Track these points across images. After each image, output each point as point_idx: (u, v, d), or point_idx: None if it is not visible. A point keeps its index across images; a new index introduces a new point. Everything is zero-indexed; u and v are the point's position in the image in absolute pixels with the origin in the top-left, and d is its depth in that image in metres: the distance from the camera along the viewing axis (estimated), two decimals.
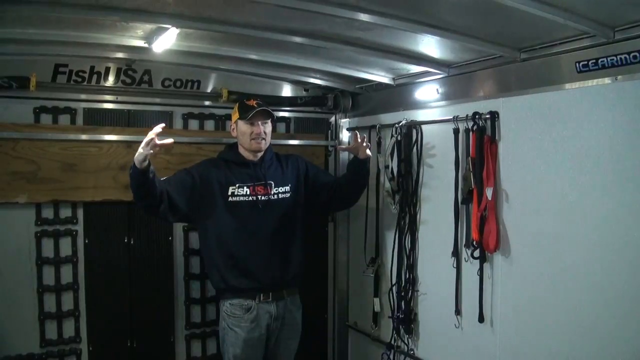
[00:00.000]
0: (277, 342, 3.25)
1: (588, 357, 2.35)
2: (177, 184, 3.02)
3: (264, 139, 3.17)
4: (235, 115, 3.20)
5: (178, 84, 3.62)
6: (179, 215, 3.10)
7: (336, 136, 4.21)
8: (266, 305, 3.15)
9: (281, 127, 4.06)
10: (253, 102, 3.17)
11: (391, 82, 3.55)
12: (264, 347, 3.20)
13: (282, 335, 3.25)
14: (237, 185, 3.14)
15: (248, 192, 3.15)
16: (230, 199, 3.12)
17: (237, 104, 3.22)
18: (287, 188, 3.26)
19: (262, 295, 3.14)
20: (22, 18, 2.58)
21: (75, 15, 2.43)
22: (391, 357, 3.53)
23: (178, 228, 3.72)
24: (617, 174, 2.23)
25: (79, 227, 3.41)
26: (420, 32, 2.51)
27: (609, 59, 2.23)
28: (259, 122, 3.14)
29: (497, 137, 2.77)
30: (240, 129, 3.18)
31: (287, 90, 4.05)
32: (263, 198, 3.17)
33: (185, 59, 3.33)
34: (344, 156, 4.13)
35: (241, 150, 3.23)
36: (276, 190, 3.21)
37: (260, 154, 3.21)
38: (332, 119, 4.22)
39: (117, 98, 3.50)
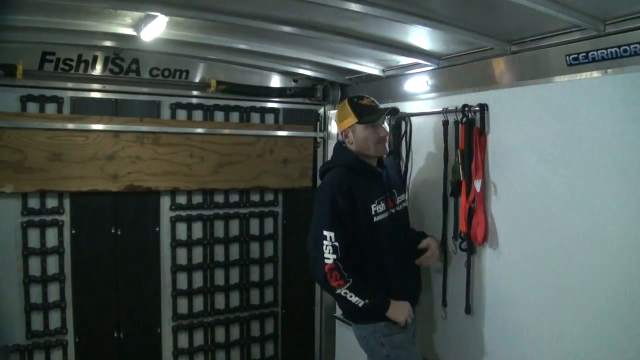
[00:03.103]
0: None
1: (576, 347, 2.37)
2: (347, 238, 2.62)
3: (387, 141, 2.84)
4: (349, 120, 2.71)
5: (166, 73, 3.60)
6: None
7: (325, 127, 4.21)
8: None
9: (270, 118, 4.05)
10: (367, 101, 2.76)
11: (381, 74, 3.55)
12: None
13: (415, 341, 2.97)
14: (375, 202, 2.72)
15: (384, 208, 2.75)
16: (374, 219, 2.71)
17: (349, 106, 2.72)
18: (404, 196, 2.97)
19: None
20: (9, 4, 2.53)
21: (62, 1, 2.40)
22: None
23: (165, 219, 3.71)
24: (606, 166, 2.25)
25: (66, 218, 3.38)
26: (411, 22, 2.50)
27: (599, 52, 2.24)
28: (382, 124, 2.77)
29: (486, 130, 2.78)
30: (359, 135, 2.70)
31: (275, 81, 4.03)
32: (394, 211, 2.80)
33: (174, 48, 3.29)
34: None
35: (362, 157, 2.77)
36: (399, 199, 2.87)
37: (375, 159, 2.83)
38: (321, 110, 4.22)
39: (104, 87, 3.47)
